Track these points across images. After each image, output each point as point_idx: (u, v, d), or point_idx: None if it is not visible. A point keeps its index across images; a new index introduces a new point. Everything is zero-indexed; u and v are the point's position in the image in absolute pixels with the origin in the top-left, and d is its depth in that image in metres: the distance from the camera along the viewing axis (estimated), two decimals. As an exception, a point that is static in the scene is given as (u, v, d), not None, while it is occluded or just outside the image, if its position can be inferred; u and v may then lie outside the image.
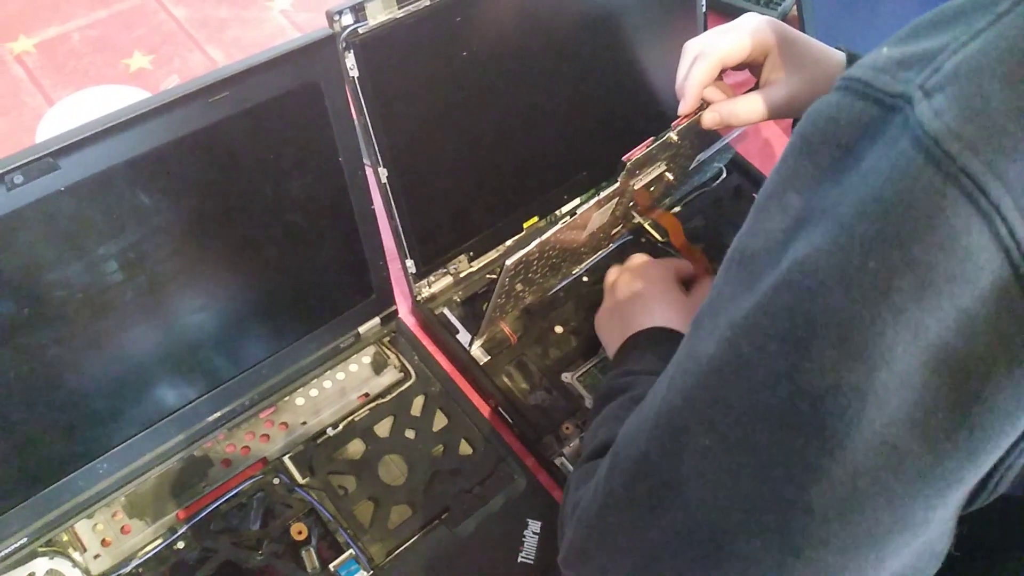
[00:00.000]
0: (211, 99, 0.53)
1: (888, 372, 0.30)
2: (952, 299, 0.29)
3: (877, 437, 0.31)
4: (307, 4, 1.12)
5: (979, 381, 0.29)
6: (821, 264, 0.31)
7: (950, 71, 0.30)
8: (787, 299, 0.32)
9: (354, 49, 0.62)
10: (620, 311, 0.73)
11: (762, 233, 0.35)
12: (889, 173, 0.30)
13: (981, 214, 0.28)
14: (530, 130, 0.79)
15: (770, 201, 0.35)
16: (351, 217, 0.68)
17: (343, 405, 0.73)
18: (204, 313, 0.63)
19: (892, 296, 0.29)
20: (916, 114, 0.30)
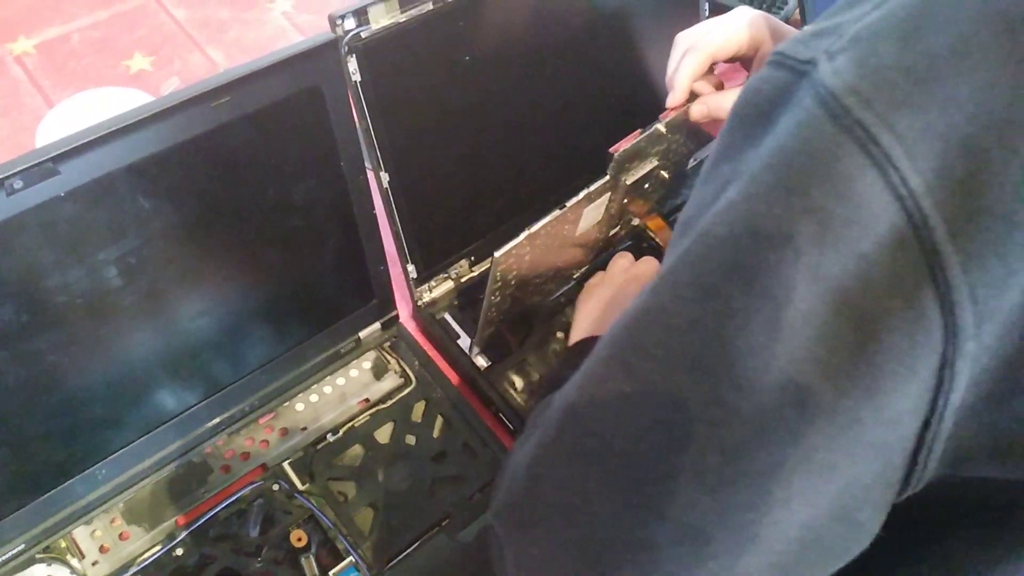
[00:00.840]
0: (213, 103, 0.53)
1: (793, 310, 0.31)
2: (850, 244, 0.31)
3: (783, 374, 0.32)
4: (308, 6, 1.12)
5: (875, 321, 0.31)
6: (731, 214, 0.33)
7: (851, 36, 0.32)
8: (701, 249, 0.34)
9: (356, 53, 0.62)
10: (599, 303, 0.74)
11: (697, 202, 0.37)
12: (792, 128, 0.32)
13: (874, 163, 0.30)
14: (532, 134, 0.79)
15: (708, 174, 0.37)
16: (352, 222, 0.67)
17: (343, 410, 0.72)
18: (204, 318, 0.63)
19: (795, 240, 0.31)
20: (819, 74, 0.32)
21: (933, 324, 0.31)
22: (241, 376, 0.68)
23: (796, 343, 0.32)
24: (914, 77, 0.30)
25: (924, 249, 0.30)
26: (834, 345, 0.32)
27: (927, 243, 0.30)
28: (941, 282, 0.30)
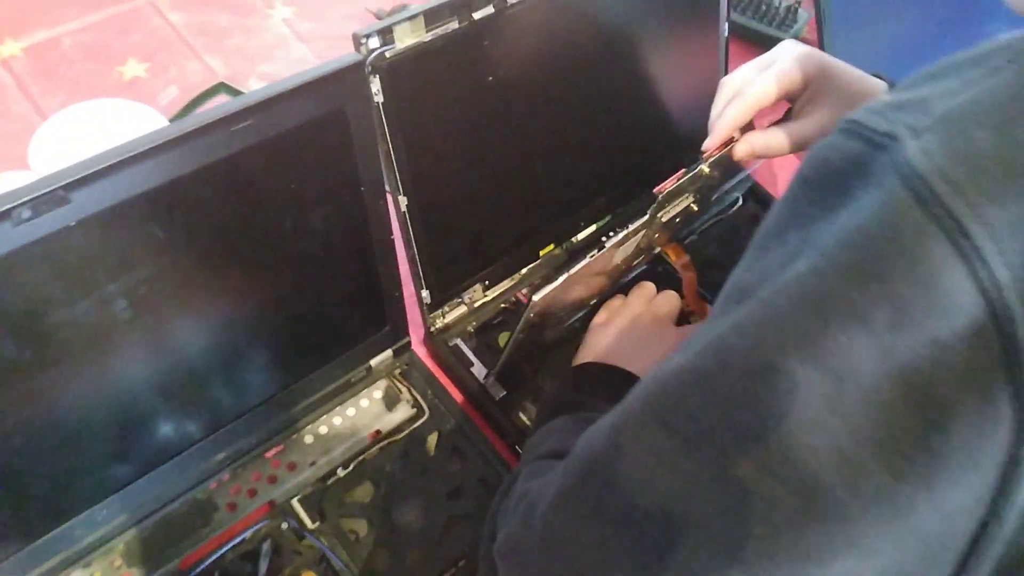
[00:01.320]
0: (233, 128, 0.50)
1: (857, 388, 0.30)
2: (926, 330, 0.30)
3: (839, 452, 0.31)
4: (309, 13, 1.08)
5: (944, 410, 0.30)
6: (799, 288, 0.32)
7: (939, 114, 0.31)
8: (761, 319, 0.33)
9: (380, 74, 0.59)
10: (617, 333, 0.72)
11: (758, 269, 0.35)
12: (876, 208, 0.31)
13: (961, 255, 0.29)
14: (549, 156, 0.76)
15: (770, 240, 0.35)
16: (370, 247, 0.64)
17: (354, 443, 0.69)
18: (212, 349, 0.60)
19: (869, 324, 0.30)
20: (904, 151, 0.31)
21: (1004, 419, 0.30)
22: (248, 409, 0.65)
23: (856, 422, 0.31)
24: (1009, 168, 0.30)
25: (1004, 343, 0.29)
26: (897, 428, 0.30)
27: (1008, 337, 0.29)
28: (1019, 377, 0.29)
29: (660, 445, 0.35)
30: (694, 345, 0.36)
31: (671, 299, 0.77)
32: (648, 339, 0.72)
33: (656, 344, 0.71)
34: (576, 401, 0.64)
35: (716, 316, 0.36)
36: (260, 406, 0.65)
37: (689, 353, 0.35)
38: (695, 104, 0.89)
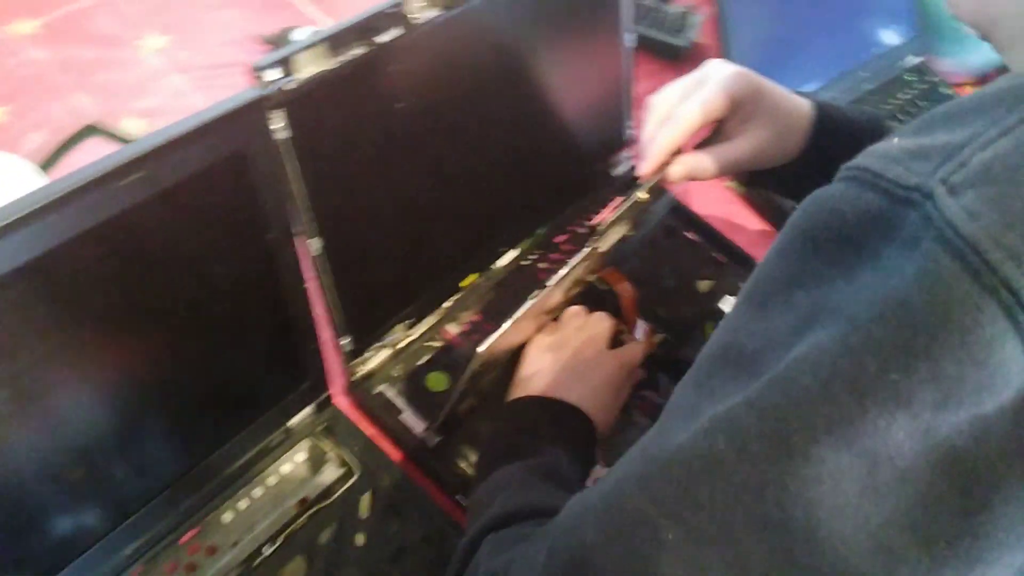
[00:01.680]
0: (121, 183, 0.43)
1: (892, 469, 0.28)
2: (972, 407, 0.27)
3: (873, 540, 0.29)
4: (185, 42, 1.00)
5: (988, 488, 0.28)
6: (825, 364, 0.28)
7: (979, 167, 0.28)
8: (779, 399, 0.29)
9: (282, 108, 0.53)
10: (559, 367, 0.68)
11: (763, 332, 0.32)
12: (915, 276, 0.27)
13: (1018, 329, 0.26)
14: (464, 182, 0.72)
15: (772, 299, 0.32)
16: (281, 298, 0.58)
17: (279, 515, 0.63)
18: (112, 432, 0.52)
19: (913, 405, 0.27)
20: (943, 212, 0.27)
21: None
22: (157, 492, 0.57)
23: (893, 506, 0.28)
24: None
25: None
26: (937, 510, 0.28)
27: None
28: None
29: (663, 537, 0.32)
30: (692, 419, 0.32)
31: (604, 320, 0.74)
32: (586, 367, 0.68)
33: (594, 371, 0.68)
34: (521, 444, 0.60)
35: (709, 381, 0.33)
36: (170, 488, 0.58)
37: (690, 431, 0.32)
38: (602, 117, 0.87)
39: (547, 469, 0.56)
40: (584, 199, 0.88)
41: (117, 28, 0.99)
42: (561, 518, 0.39)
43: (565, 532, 0.37)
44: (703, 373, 0.35)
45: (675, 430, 0.33)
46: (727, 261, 0.89)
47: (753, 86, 0.62)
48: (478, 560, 0.47)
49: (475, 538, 0.50)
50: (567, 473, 0.57)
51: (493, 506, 0.52)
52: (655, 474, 0.33)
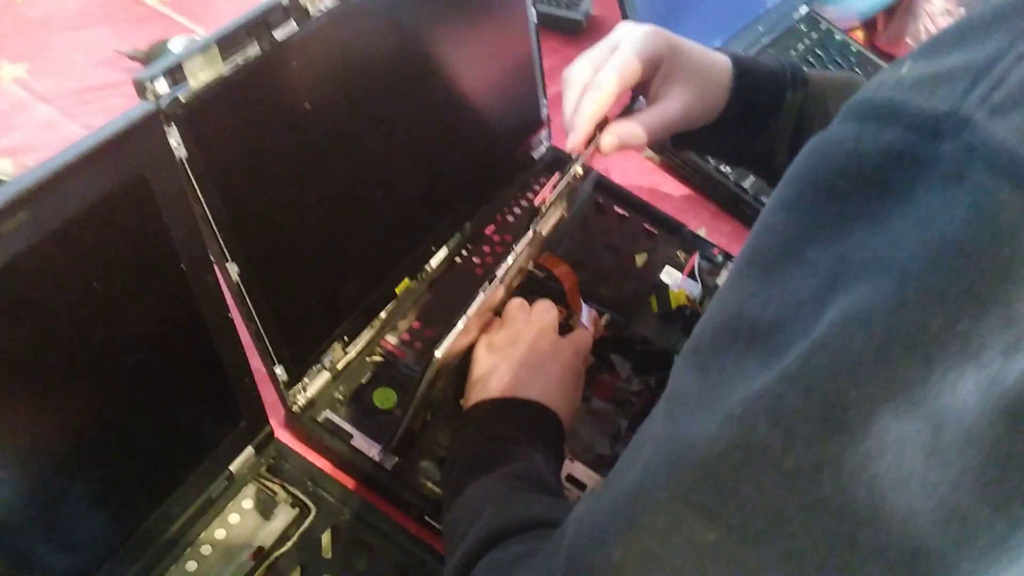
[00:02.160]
0: (3, 229, 0.36)
1: (957, 428, 0.25)
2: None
3: (942, 508, 0.26)
4: (46, 68, 0.91)
5: None
6: (878, 323, 0.25)
7: (1020, 83, 0.25)
8: (826, 370, 0.26)
9: (176, 123, 0.47)
10: (513, 364, 0.64)
11: (778, 299, 0.29)
12: (971, 215, 0.24)
13: None
14: (383, 183, 0.67)
15: (782, 261, 0.29)
16: (205, 333, 0.52)
17: (234, 571, 0.57)
18: (30, 508, 0.45)
19: (983, 355, 0.25)
20: (989, 138, 0.24)
21: None
22: (93, 569, 0.51)
23: (960, 467, 0.26)
24: None
25: None
26: (1008, 466, 0.26)
27: None
28: None
29: (703, 541, 0.29)
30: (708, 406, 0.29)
31: (550, 310, 0.70)
32: (541, 360, 0.65)
33: (551, 363, 0.65)
34: (491, 452, 0.55)
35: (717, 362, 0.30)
36: (108, 563, 0.51)
37: (718, 420, 0.28)
38: (517, 99, 0.84)
39: (526, 475, 0.52)
40: (509, 186, 0.84)
41: (-36, 60, 0.89)
42: (572, 535, 0.35)
43: (583, 551, 0.34)
44: (705, 355, 0.31)
45: (691, 422, 0.30)
46: (659, 231, 0.87)
47: (668, 42, 0.60)
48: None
49: (464, 564, 0.45)
50: (546, 475, 0.54)
51: (477, 525, 0.48)
52: (686, 474, 0.29)
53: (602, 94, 0.58)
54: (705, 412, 0.29)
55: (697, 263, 0.86)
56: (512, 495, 0.50)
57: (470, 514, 0.49)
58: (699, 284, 0.84)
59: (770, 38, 1.07)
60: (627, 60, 0.59)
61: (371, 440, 0.65)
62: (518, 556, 0.42)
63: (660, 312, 0.80)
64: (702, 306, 0.82)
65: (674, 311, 0.80)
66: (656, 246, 0.86)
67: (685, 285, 0.83)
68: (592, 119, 0.59)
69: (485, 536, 0.46)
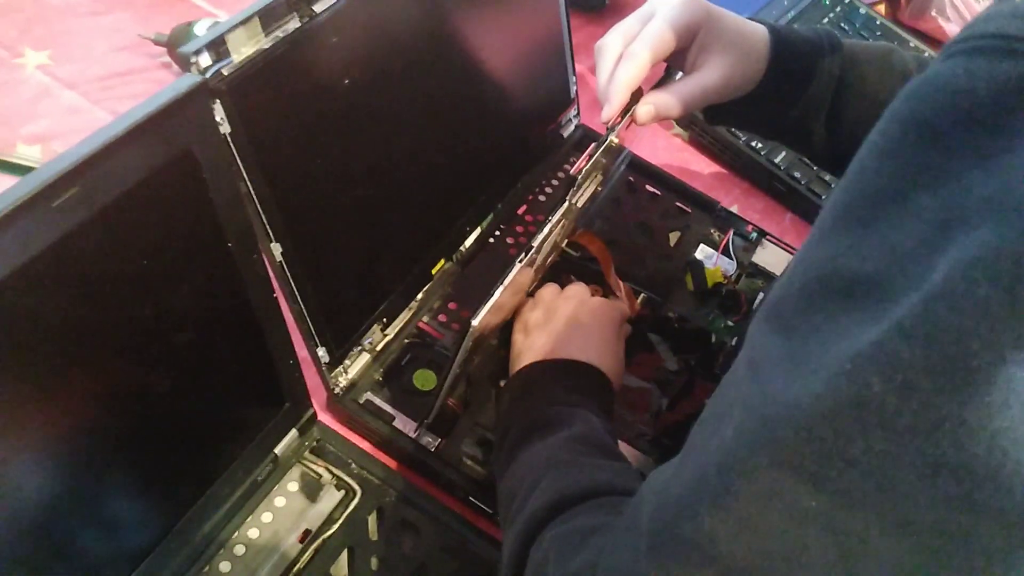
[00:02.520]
0: (55, 203, 0.36)
1: None
2: None
3: None
4: (69, 54, 0.90)
5: None
6: (1006, 268, 0.24)
7: None
8: (947, 320, 0.24)
9: (220, 97, 0.46)
10: (552, 331, 0.63)
11: (881, 250, 0.27)
12: None
13: None
14: (419, 163, 0.66)
15: (884, 210, 0.28)
16: (252, 315, 0.51)
17: (281, 555, 0.56)
18: (76, 498, 0.45)
19: None
20: None
21: None
22: (141, 558, 0.50)
23: None
24: None
25: None
26: None
27: None
28: None
29: (804, 507, 0.27)
30: (805, 365, 0.27)
31: (582, 286, 0.70)
32: (581, 322, 0.63)
33: (592, 323, 0.63)
34: (544, 416, 0.54)
35: (810, 320, 0.28)
36: (158, 547, 0.51)
37: (822, 378, 0.27)
38: (548, 76, 0.82)
39: (585, 438, 0.50)
40: (539, 165, 0.83)
41: (-13, 49, 0.88)
42: (653, 508, 0.34)
43: (670, 523, 0.32)
44: (792, 316, 0.30)
45: (786, 384, 0.29)
46: (692, 209, 0.86)
47: (705, 10, 0.59)
48: (542, 566, 0.42)
49: (527, 534, 0.44)
50: (604, 437, 0.52)
51: (536, 493, 0.46)
52: (786, 437, 0.28)
53: (636, 63, 0.57)
54: (801, 373, 0.28)
55: (731, 240, 0.84)
56: (573, 460, 0.48)
57: (529, 482, 0.48)
58: (734, 261, 0.83)
59: (795, 11, 1.05)
60: (661, 29, 0.57)
61: (413, 422, 0.64)
62: (589, 529, 0.41)
63: (696, 290, 0.79)
64: (737, 283, 0.81)
65: (710, 289, 0.79)
66: (689, 224, 0.85)
67: (720, 263, 0.82)
68: (627, 89, 0.58)
69: (547, 505, 0.45)
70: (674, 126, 0.97)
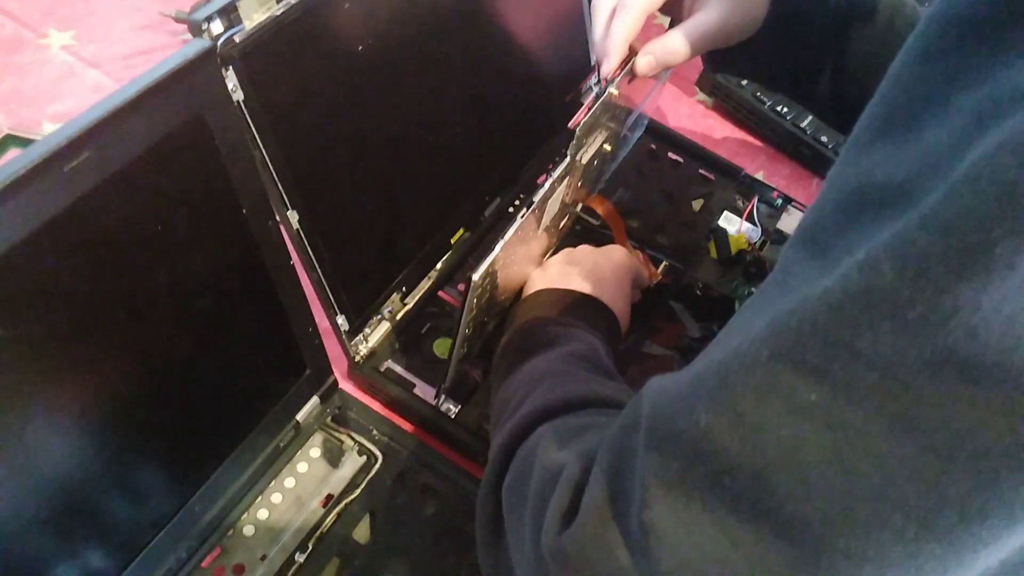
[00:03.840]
0: (67, 167, 0.36)
1: None
2: None
3: None
4: (92, 33, 0.91)
5: None
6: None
7: None
8: (969, 205, 0.23)
9: (233, 64, 0.46)
10: (566, 265, 0.64)
11: (916, 155, 0.26)
12: None
13: None
14: (437, 131, 0.66)
15: (922, 116, 0.26)
16: (268, 283, 0.52)
17: (305, 518, 0.57)
18: (102, 463, 0.46)
19: None
20: None
21: None
22: (166, 520, 0.51)
23: None
24: None
25: None
26: None
27: None
28: None
29: (803, 401, 0.27)
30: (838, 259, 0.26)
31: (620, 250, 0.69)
32: (592, 264, 0.63)
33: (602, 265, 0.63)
34: (548, 334, 0.54)
35: (842, 237, 0.27)
36: (180, 512, 0.52)
37: (835, 275, 0.26)
38: (567, 42, 0.81)
39: (587, 356, 0.50)
40: (559, 134, 0.82)
41: (15, 31, 0.89)
42: (651, 406, 0.33)
43: (666, 420, 0.31)
44: (826, 236, 0.28)
45: (802, 280, 0.28)
46: (715, 176, 0.85)
47: None
48: (531, 453, 0.41)
49: (518, 431, 0.43)
50: (607, 360, 0.52)
51: (532, 398, 0.46)
52: (790, 330, 0.27)
53: (631, 13, 0.57)
54: (815, 267, 0.27)
55: (755, 207, 0.83)
56: (572, 373, 0.48)
57: (525, 387, 0.48)
58: (759, 228, 0.82)
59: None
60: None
61: (432, 388, 0.64)
62: (585, 425, 0.40)
63: (720, 258, 0.78)
64: (762, 250, 0.80)
65: (734, 256, 0.78)
66: (713, 191, 0.84)
67: (744, 230, 0.81)
68: (624, 41, 0.58)
69: (543, 407, 0.44)
70: (697, 92, 0.96)
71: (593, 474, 0.36)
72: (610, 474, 0.35)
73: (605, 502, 0.34)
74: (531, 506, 0.39)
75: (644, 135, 0.86)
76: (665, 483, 0.31)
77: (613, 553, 0.33)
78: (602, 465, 0.35)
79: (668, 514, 0.31)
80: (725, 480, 0.29)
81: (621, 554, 0.33)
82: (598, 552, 0.34)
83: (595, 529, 0.34)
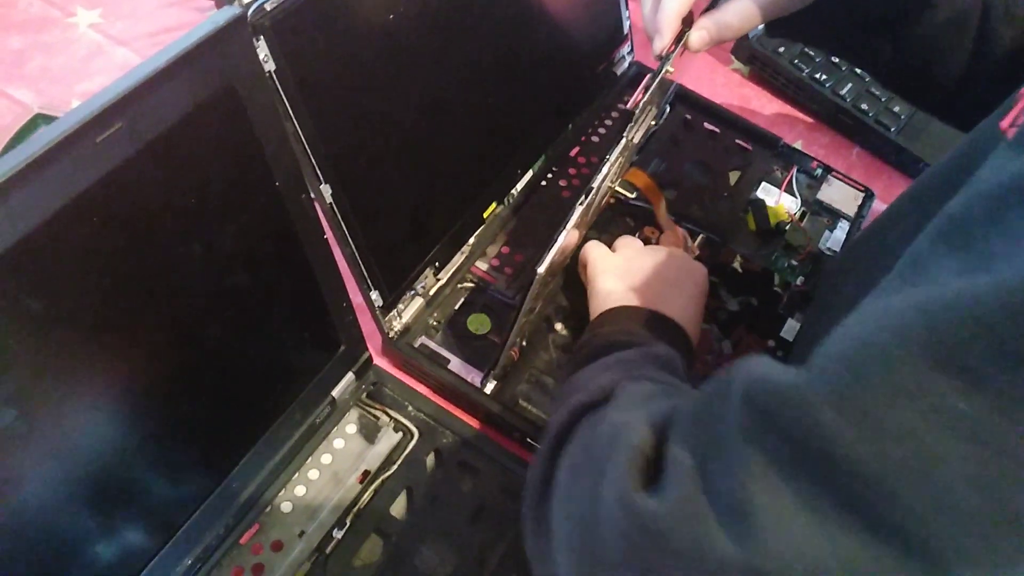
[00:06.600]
0: (99, 138, 0.35)
1: None
2: None
3: None
4: (119, 10, 0.90)
5: None
6: None
7: None
8: None
9: (264, 33, 0.45)
10: (639, 280, 0.61)
11: None
12: None
13: None
14: (469, 103, 0.65)
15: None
16: (302, 257, 0.51)
17: (342, 495, 0.57)
18: (140, 440, 0.45)
19: None
20: None
21: None
22: (204, 496, 0.51)
23: None
24: None
25: None
26: None
27: None
28: None
29: (951, 407, 0.24)
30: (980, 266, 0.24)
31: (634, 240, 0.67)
32: (678, 276, 0.61)
33: (687, 281, 0.61)
34: (627, 339, 0.52)
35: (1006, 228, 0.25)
36: (218, 489, 0.52)
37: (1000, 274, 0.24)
38: (598, 11, 0.79)
39: (658, 358, 0.48)
40: (592, 104, 0.81)
41: (43, 9, 0.89)
42: (746, 384, 0.30)
43: (770, 408, 0.28)
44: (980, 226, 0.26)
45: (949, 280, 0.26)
46: (753, 146, 0.83)
47: None
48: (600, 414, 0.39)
49: (581, 407, 0.42)
50: (682, 369, 0.50)
51: (600, 380, 0.44)
52: (947, 327, 0.24)
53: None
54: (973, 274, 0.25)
55: (794, 177, 0.81)
56: (647, 366, 0.46)
57: (599, 374, 0.46)
58: (798, 199, 0.79)
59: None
60: None
61: (468, 365, 0.63)
62: (660, 390, 0.38)
63: (759, 230, 0.76)
64: (802, 222, 0.78)
65: (773, 228, 0.76)
66: (750, 162, 0.82)
67: (783, 201, 0.79)
68: (677, 16, 0.56)
69: (607, 385, 0.42)
70: (733, 61, 0.93)
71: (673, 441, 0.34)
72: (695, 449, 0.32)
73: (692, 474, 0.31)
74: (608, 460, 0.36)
75: (679, 105, 0.84)
76: (767, 473, 0.28)
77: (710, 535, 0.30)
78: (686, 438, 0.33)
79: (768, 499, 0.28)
80: (840, 480, 0.26)
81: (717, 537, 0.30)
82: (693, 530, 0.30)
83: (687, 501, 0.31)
